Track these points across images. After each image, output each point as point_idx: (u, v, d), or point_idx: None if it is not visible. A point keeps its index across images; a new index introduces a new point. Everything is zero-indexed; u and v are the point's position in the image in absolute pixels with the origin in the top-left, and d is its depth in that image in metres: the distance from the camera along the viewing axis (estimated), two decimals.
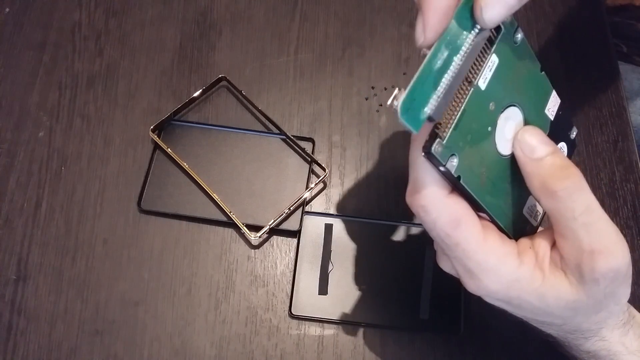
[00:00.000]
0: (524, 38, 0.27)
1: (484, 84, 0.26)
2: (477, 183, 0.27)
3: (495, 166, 0.28)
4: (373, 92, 0.50)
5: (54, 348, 0.41)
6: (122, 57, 0.50)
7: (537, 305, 0.28)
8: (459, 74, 0.24)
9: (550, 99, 0.31)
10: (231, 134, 0.46)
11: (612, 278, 0.27)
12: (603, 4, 0.55)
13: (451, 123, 0.25)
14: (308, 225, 0.44)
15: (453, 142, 0.25)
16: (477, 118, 0.26)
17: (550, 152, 0.27)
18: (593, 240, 0.26)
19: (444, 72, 0.24)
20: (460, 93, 0.25)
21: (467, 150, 0.26)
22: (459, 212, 0.26)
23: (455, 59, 0.24)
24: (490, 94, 0.26)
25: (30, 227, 0.44)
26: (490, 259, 0.27)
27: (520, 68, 0.28)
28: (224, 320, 0.42)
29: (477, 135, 0.26)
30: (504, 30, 0.26)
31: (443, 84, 0.24)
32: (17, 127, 0.47)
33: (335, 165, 0.47)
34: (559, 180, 0.26)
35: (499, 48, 0.26)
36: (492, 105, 0.27)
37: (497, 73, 0.26)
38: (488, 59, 0.26)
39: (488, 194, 0.28)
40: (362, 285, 0.42)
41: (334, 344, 0.41)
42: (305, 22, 0.52)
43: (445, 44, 0.23)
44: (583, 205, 0.26)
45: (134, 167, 0.46)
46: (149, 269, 0.43)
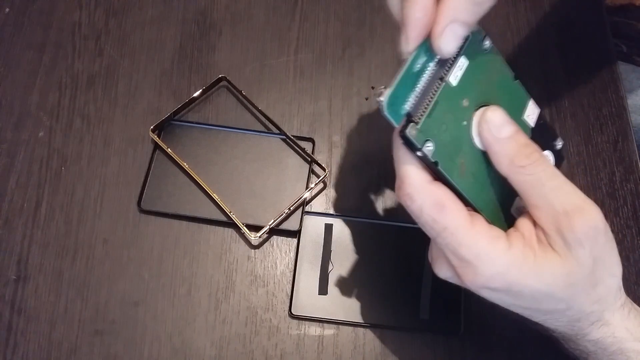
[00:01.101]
0: (492, 46, 0.30)
1: (455, 81, 0.29)
2: (456, 172, 0.29)
3: (475, 159, 0.30)
4: (373, 92, 0.49)
5: (54, 348, 0.41)
6: (122, 57, 0.50)
7: (536, 287, 0.28)
8: (434, 77, 0.28)
9: (528, 106, 0.33)
10: (231, 134, 0.46)
11: (594, 236, 0.28)
12: (603, 4, 0.55)
13: (425, 112, 0.27)
14: (308, 225, 0.44)
15: (427, 128, 0.27)
16: (451, 110, 0.28)
17: (515, 131, 0.29)
18: (564, 201, 0.28)
19: (421, 75, 0.27)
20: (435, 88, 0.28)
21: (443, 138, 0.28)
22: (443, 197, 0.28)
23: (431, 64, 0.27)
24: (462, 91, 0.29)
25: (30, 227, 0.44)
26: (480, 242, 0.28)
27: (492, 73, 0.31)
28: (224, 320, 0.42)
29: (452, 127, 0.29)
30: (471, 37, 0.29)
31: (420, 85, 0.27)
32: (17, 127, 0.47)
33: (335, 165, 0.47)
34: (525, 156, 0.28)
35: (467, 52, 0.29)
36: (465, 101, 0.29)
37: (467, 73, 0.29)
38: (457, 60, 0.29)
39: (470, 185, 0.30)
40: (362, 285, 0.42)
41: (334, 344, 0.41)
42: (305, 22, 0.52)
43: (423, 52, 0.27)
44: (548, 173, 0.28)
45: (134, 167, 0.46)
46: (149, 269, 0.43)
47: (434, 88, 0.28)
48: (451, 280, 0.31)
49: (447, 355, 0.41)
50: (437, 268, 0.31)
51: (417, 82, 0.27)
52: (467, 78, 0.29)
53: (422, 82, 0.27)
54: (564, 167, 0.48)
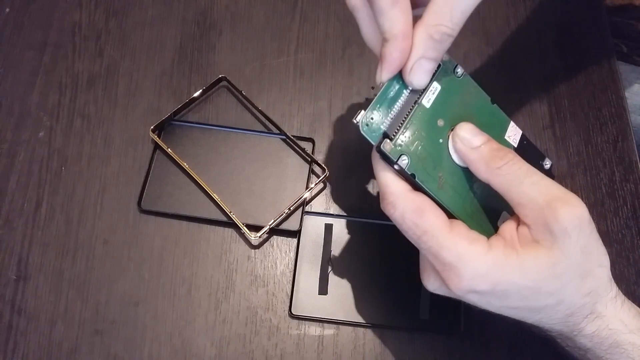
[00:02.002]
0: (465, 73, 0.33)
1: (428, 103, 0.31)
2: (434, 184, 0.31)
3: (455, 174, 0.32)
4: (373, 92, 0.50)
5: (54, 348, 0.41)
6: (122, 57, 0.50)
7: (522, 283, 0.29)
8: (408, 101, 0.31)
9: (509, 128, 0.35)
10: (231, 134, 0.46)
11: (579, 225, 0.28)
12: (603, 4, 0.55)
13: (399, 130, 0.30)
14: (308, 225, 0.44)
15: (402, 144, 0.30)
16: (425, 129, 0.31)
17: (486, 140, 0.31)
18: (546, 194, 0.29)
19: (396, 99, 0.30)
20: (409, 110, 0.31)
21: (419, 154, 0.30)
22: (423, 203, 0.30)
23: (405, 91, 0.31)
24: (436, 112, 0.31)
25: (31, 227, 0.44)
26: (459, 244, 0.29)
27: (468, 97, 0.33)
28: (224, 320, 0.42)
29: (428, 144, 0.31)
30: (442, 66, 0.32)
31: (395, 107, 0.30)
32: (17, 127, 0.47)
33: (335, 165, 0.47)
34: (499, 158, 0.30)
35: (439, 77, 0.32)
36: (440, 121, 0.32)
37: (440, 96, 0.32)
38: (430, 85, 0.31)
39: (450, 197, 0.31)
40: (362, 285, 0.42)
41: (334, 344, 0.41)
42: (305, 22, 0.52)
43: (396, 80, 0.30)
44: (524, 170, 0.30)
45: (134, 167, 0.46)
46: (149, 269, 0.43)
47: (408, 109, 0.31)
48: (439, 291, 0.32)
49: (447, 355, 0.41)
50: (425, 280, 0.32)
51: (392, 105, 0.30)
52: (441, 100, 0.31)
53: (397, 105, 0.30)
54: (564, 167, 0.48)
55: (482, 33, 0.52)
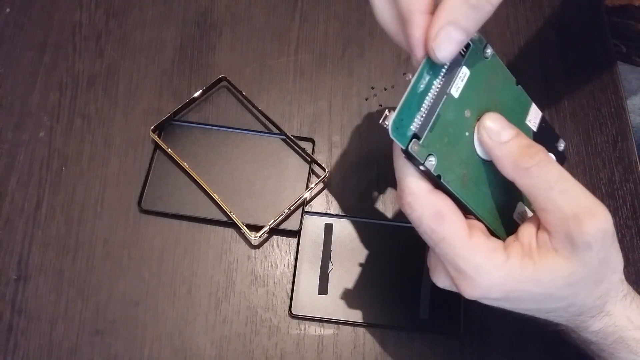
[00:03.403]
0: (494, 53, 0.30)
1: (457, 92, 0.28)
2: (458, 183, 0.29)
3: (477, 169, 0.30)
4: (373, 92, 0.50)
5: (54, 348, 0.41)
6: (122, 58, 0.50)
7: (535, 291, 0.28)
8: (439, 93, 0.27)
9: (530, 110, 0.33)
10: (231, 134, 0.46)
11: (602, 239, 0.27)
12: (603, 4, 0.55)
13: (427, 126, 0.27)
14: (308, 225, 0.44)
15: (430, 142, 0.27)
16: (453, 123, 0.28)
17: (515, 134, 0.28)
18: (574, 205, 0.27)
19: (426, 94, 0.27)
20: (437, 102, 0.28)
21: (445, 151, 0.28)
22: (443, 207, 0.28)
23: (435, 82, 0.27)
24: (464, 102, 0.28)
25: (31, 227, 0.44)
26: (477, 255, 0.28)
27: (494, 80, 0.30)
28: (224, 319, 0.42)
29: (455, 139, 0.28)
30: (473, 46, 0.28)
31: (426, 103, 0.27)
32: (17, 127, 0.47)
33: (335, 165, 0.47)
34: (529, 157, 0.28)
35: (469, 61, 0.28)
36: (467, 112, 0.29)
37: (469, 83, 0.28)
38: (459, 71, 0.28)
39: (473, 195, 0.30)
40: (362, 285, 0.42)
41: (334, 344, 0.41)
42: (305, 23, 0.52)
43: (425, 71, 0.27)
44: (556, 174, 0.28)
45: (135, 167, 0.46)
46: (149, 268, 0.43)
47: (438, 103, 0.28)
48: (449, 288, 0.31)
49: (446, 355, 0.41)
50: (435, 277, 0.31)
51: (422, 101, 0.27)
52: (469, 88, 0.29)
53: (427, 100, 0.27)
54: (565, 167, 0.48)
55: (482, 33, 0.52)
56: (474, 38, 0.28)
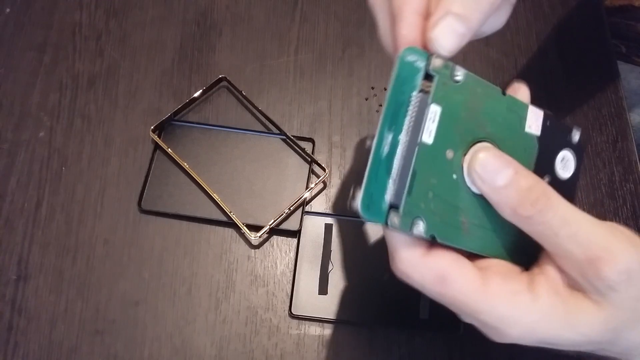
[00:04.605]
0: (466, 72, 0.26)
1: (430, 137, 0.25)
2: (458, 234, 0.26)
3: (477, 209, 0.27)
4: (373, 92, 0.50)
5: (54, 348, 0.41)
6: (122, 58, 0.50)
7: (574, 338, 0.25)
8: (408, 150, 0.24)
9: (528, 115, 0.29)
10: (231, 134, 0.46)
11: (628, 279, 0.24)
12: (602, 4, 0.55)
13: (404, 190, 0.24)
14: (308, 225, 0.44)
15: (411, 207, 0.24)
16: (434, 173, 0.25)
17: (512, 177, 0.25)
18: (585, 249, 0.24)
19: (392, 156, 0.24)
20: (409, 158, 0.24)
21: (434, 207, 0.25)
22: (443, 268, 0.25)
23: (400, 138, 0.24)
24: (442, 144, 0.25)
25: (31, 227, 0.44)
26: (499, 306, 0.25)
27: (475, 102, 0.26)
28: (224, 319, 0.42)
29: (441, 189, 0.25)
30: (438, 77, 0.25)
31: (395, 166, 0.24)
32: (17, 127, 0.47)
33: (335, 165, 0.47)
34: (530, 204, 0.24)
35: (437, 96, 0.25)
36: (449, 153, 0.25)
37: (443, 120, 0.25)
38: (427, 112, 0.24)
39: (478, 239, 0.27)
40: (362, 285, 0.42)
41: (334, 344, 0.41)
42: (305, 23, 0.52)
43: (386, 130, 0.24)
44: (559, 220, 0.25)
45: (135, 167, 0.46)
46: (149, 268, 0.43)
47: (410, 158, 0.24)
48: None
49: (446, 355, 0.41)
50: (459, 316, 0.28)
51: (389, 166, 0.24)
52: (445, 126, 0.25)
53: (396, 162, 0.24)
54: None
55: None
56: (436, 66, 0.25)
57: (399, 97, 0.25)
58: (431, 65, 0.25)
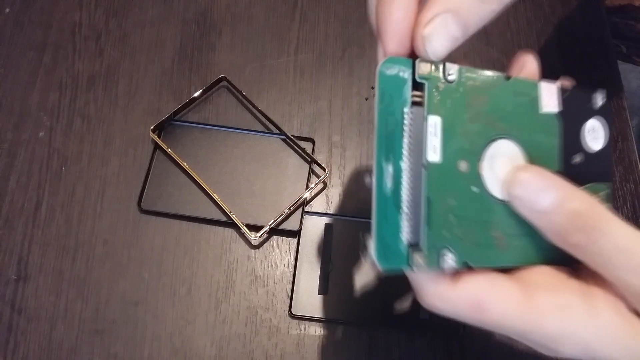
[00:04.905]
0: (460, 68, 0.23)
1: (437, 154, 0.22)
2: (493, 252, 0.23)
3: (509, 217, 0.23)
4: (373, 92, 0.50)
5: (54, 348, 0.41)
6: (122, 57, 0.50)
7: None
8: (415, 176, 0.21)
9: (541, 95, 0.26)
10: (231, 134, 0.46)
11: None
12: (603, 4, 0.55)
13: (422, 224, 0.21)
14: (308, 225, 0.44)
15: (434, 240, 0.22)
16: (451, 192, 0.22)
17: (557, 199, 0.21)
18: None
19: (399, 190, 0.21)
20: (420, 186, 0.22)
21: (459, 231, 0.22)
22: (477, 295, 0.22)
23: (402, 165, 0.21)
24: (452, 158, 0.22)
25: (31, 227, 0.44)
26: (548, 322, 0.22)
27: (477, 99, 0.24)
28: (224, 320, 0.42)
29: (463, 208, 0.22)
30: (428, 84, 0.22)
31: (405, 201, 0.21)
32: (17, 127, 0.47)
33: (335, 165, 0.47)
34: (579, 230, 0.21)
35: (432, 104, 0.22)
36: (462, 165, 0.23)
37: (447, 131, 0.22)
38: (426, 126, 0.22)
39: (518, 250, 0.24)
40: (362, 285, 0.42)
41: (334, 344, 0.41)
42: (305, 23, 0.52)
43: (383, 162, 0.21)
44: (615, 248, 0.21)
45: (134, 167, 0.46)
46: (149, 269, 0.43)
47: (420, 186, 0.21)
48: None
49: (447, 355, 0.41)
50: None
51: (398, 201, 0.21)
52: (450, 136, 0.22)
53: (404, 195, 0.21)
54: None
55: (482, 33, 0.52)
56: (424, 72, 0.22)
57: (388, 118, 0.22)
58: (418, 72, 0.22)
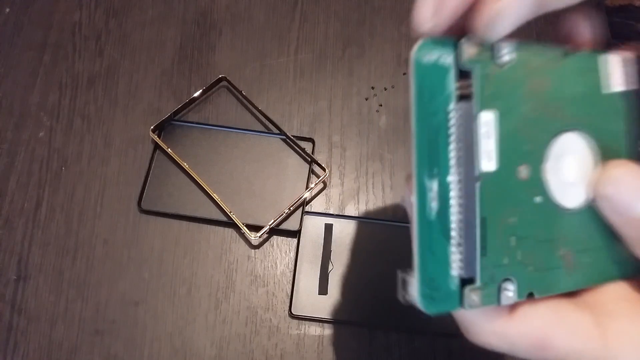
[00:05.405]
0: (514, 44, 0.19)
1: (492, 160, 0.18)
2: (561, 275, 0.19)
3: (578, 229, 0.20)
4: (373, 92, 0.50)
5: (54, 348, 0.41)
6: (122, 57, 0.50)
7: None
8: (467, 192, 0.17)
9: (610, 69, 0.21)
10: (231, 134, 0.46)
11: None
12: (603, 4, 0.55)
13: (476, 253, 0.18)
14: (308, 225, 0.44)
15: (493, 270, 0.18)
16: (510, 208, 0.18)
17: None
18: None
19: (447, 212, 0.17)
20: (474, 203, 0.18)
21: (521, 256, 0.19)
22: (540, 330, 0.19)
23: (450, 180, 0.17)
24: (510, 163, 0.18)
25: (31, 227, 0.44)
26: (626, 357, 0.19)
27: (537, 84, 0.19)
28: (224, 320, 0.42)
29: (525, 226, 0.19)
30: (478, 70, 0.18)
31: (454, 223, 0.18)
32: (17, 127, 0.47)
33: (335, 165, 0.47)
34: None
35: (485, 96, 0.18)
36: (523, 171, 0.18)
37: (504, 129, 0.18)
38: (477, 125, 0.17)
39: (586, 267, 0.20)
40: (362, 285, 0.42)
41: (334, 344, 0.41)
42: (305, 23, 0.52)
43: (426, 175, 0.17)
44: None
45: (134, 167, 0.46)
46: (149, 269, 0.43)
47: (470, 205, 0.18)
48: None
49: (446, 355, 0.41)
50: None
51: (446, 225, 0.18)
52: (508, 136, 0.18)
53: (454, 218, 0.18)
54: None
55: None
56: (471, 55, 0.18)
57: (430, 121, 0.17)
58: (464, 56, 0.17)
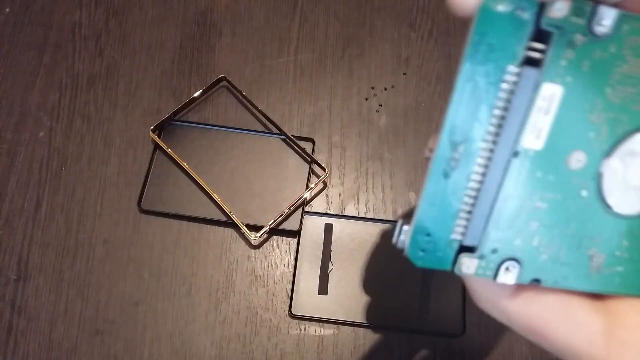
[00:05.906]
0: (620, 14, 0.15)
1: (540, 140, 0.16)
2: (582, 274, 0.18)
3: (620, 237, 0.18)
4: (373, 92, 0.50)
5: (54, 348, 0.41)
6: (122, 57, 0.50)
7: None
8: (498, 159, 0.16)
9: None
10: (231, 134, 0.46)
11: None
12: None
13: (484, 224, 0.17)
14: (308, 225, 0.44)
15: (499, 247, 0.17)
16: (542, 193, 0.17)
17: None
18: None
19: (468, 172, 0.16)
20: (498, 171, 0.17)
21: (539, 241, 0.18)
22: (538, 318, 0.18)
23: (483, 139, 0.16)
24: (564, 147, 0.17)
25: (31, 227, 0.44)
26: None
27: (635, 65, 0.16)
28: (224, 320, 0.42)
29: (555, 215, 0.17)
30: (560, 35, 0.15)
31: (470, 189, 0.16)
32: (17, 127, 0.47)
33: (335, 165, 0.47)
34: None
35: (555, 68, 0.15)
36: (577, 158, 0.17)
37: (571, 107, 0.16)
38: (536, 97, 0.16)
39: (615, 276, 0.19)
40: (362, 285, 0.42)
41: (334, 344, 0.41)
42: (305, 23, 0.52)
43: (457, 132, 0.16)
44: None
45: (134, 167, 0.46)
46: (149, 269, 0.43)
47: (498, 175, 0.17)
48: None
49: (446, 355, 0.41)
50: None
51: (461, 188, 0.16)
52: (574, 117, 0.16)
53: (471, 185, 0.16)
54: None
55: None
56: (556, 16, 0.15)
57: (478, 76, 0.16)
58: (549, 14, 0.15)
